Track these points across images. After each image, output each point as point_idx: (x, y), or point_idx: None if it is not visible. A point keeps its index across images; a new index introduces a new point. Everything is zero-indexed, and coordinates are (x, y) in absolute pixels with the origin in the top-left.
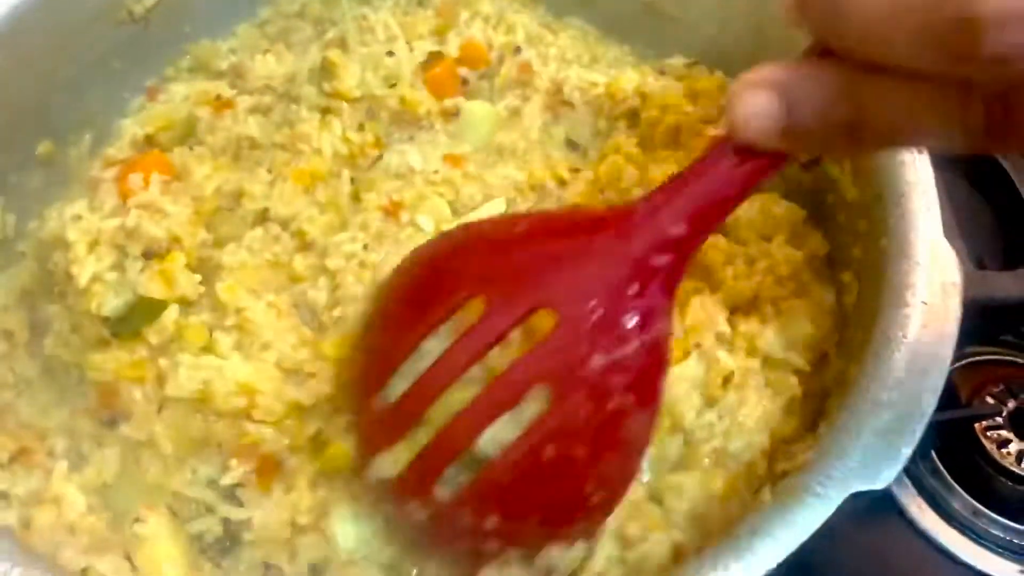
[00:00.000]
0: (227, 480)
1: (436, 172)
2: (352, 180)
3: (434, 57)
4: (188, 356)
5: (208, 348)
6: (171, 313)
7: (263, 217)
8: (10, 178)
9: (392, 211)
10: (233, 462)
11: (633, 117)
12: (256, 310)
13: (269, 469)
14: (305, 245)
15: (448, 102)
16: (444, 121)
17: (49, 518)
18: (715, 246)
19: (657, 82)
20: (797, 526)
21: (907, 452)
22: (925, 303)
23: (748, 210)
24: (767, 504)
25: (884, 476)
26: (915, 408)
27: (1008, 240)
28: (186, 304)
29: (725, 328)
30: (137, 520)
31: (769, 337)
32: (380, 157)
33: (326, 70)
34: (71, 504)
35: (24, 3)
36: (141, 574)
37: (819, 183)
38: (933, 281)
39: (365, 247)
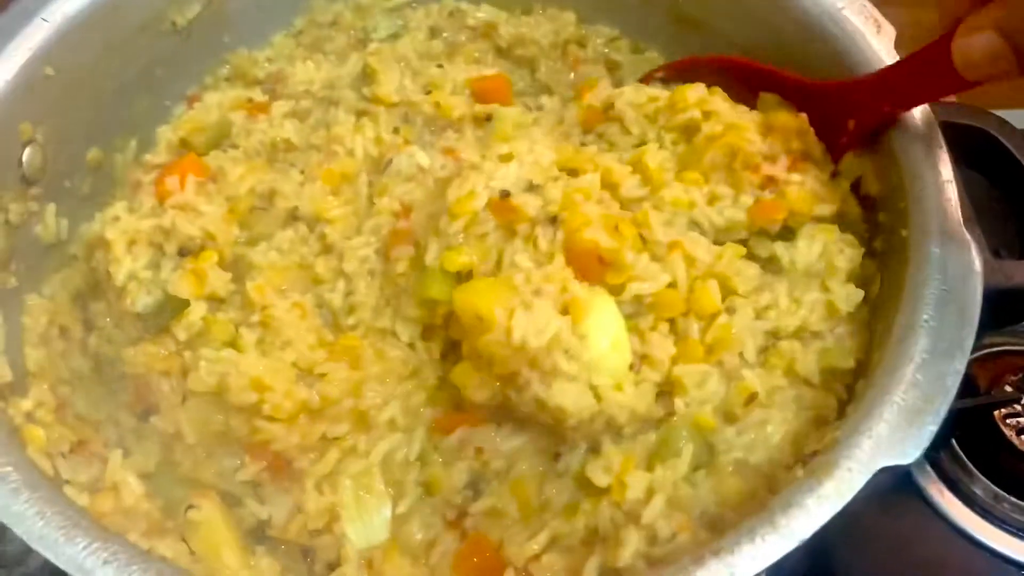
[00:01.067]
0: (242, 476)
1: (443, 167)
2: (369, 183)
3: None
4: (209, 351)
5: (232, 344)
6: (198, 310)
7: (293, 216)
8: (64, 184)
9: (403, 214)
10: (247, 459)
11: (688, 131)
12: (280, 308)
13: (280, 467)
14: (326, 248)
15: (480, 107)
16: (475, 126)
17: (110, 503)
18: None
19: (726, 102)
20: (828, 500)
21: (932, 430)
22: (946, 290)
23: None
24: (799, 480)
25: (910, 453)
26: (939, 389)
27: (1020, 228)
28: (217, 300)
29: (751, 355)
30: (190, 507)
31: (810, 364)
32: (391, 162)
33: (366, 76)
34: (130, 490)
35: (74, 17)
36: (199, 557)
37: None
38: (953, 268)
39: (377, 252)
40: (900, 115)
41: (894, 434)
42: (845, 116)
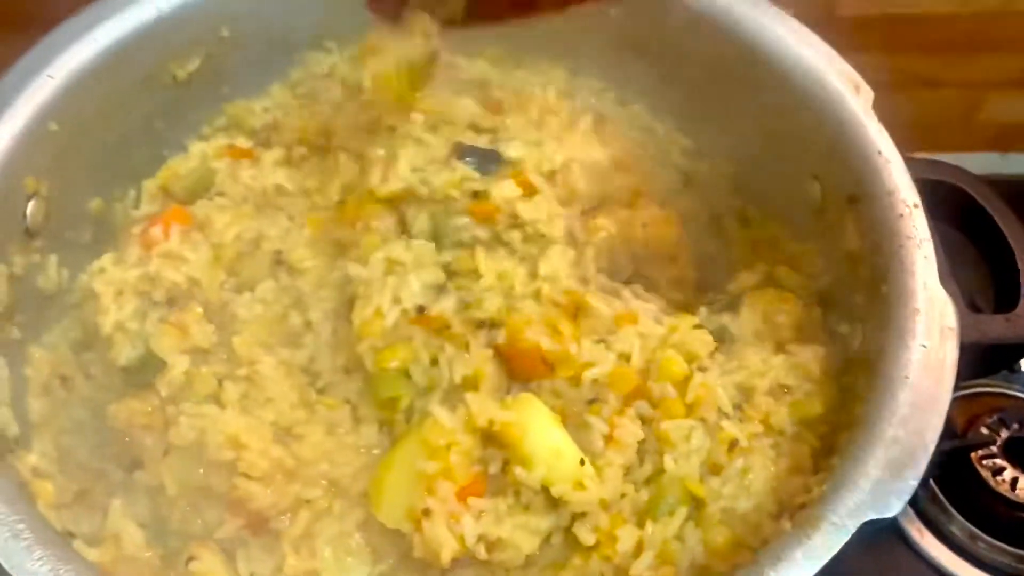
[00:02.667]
0: (221, 534)
1: None
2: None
3: None
4: (190, 404)
5: (215, 398)
6: (180, 364)
7: (277, 260)
8: (65, 234)
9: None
10: (227, 515)
11: None
12: (266, 364)
13: (259, 525)
14: (298, 300)
15: None
16: None
17: (111, 553)
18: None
19: None
20: (816, 553)
21: (914, 483)
22: (925, 346)
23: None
24: (788, 533)
25: (894, 506)
26: (919, 443)
27: (999, 285)
28: (201, 352)
29: (728, 407)
30: (191, 558)
31: (782, 415)
32: None
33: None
34: (130, 539)
35: (78, 72)
36: None
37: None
38: (932, 325)
39: (336, 311)
40: None
41: (877, 488)
42: None
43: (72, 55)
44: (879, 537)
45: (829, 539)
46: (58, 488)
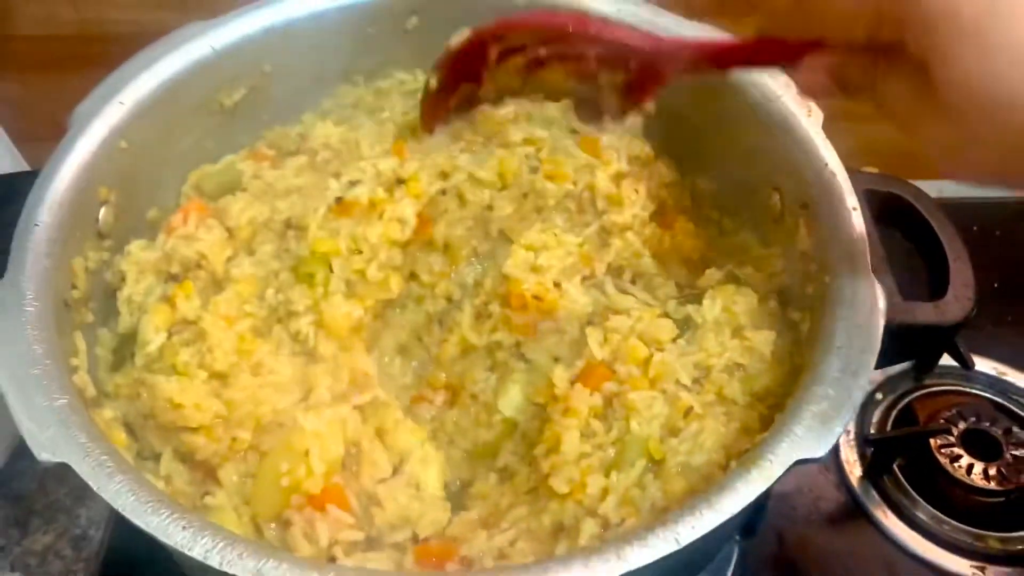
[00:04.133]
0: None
1: None
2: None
3: None
4: (149, 375)
5: (175, 364)
6: (158, 340)
7: (287, 226)
8: (129, 238)
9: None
10: (183, 468)
11: None
12: (208, 318)
13: (209, 473)
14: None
15: None
16: None
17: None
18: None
19: None
20: (753, 483)
21: (839, 431)
22: (857, 324)
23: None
24: (734, 470)
25: (821, 448)
26: (846, 400)
27: (932, 279)
28: (181, 324)
29: (686, 380)
30: (207, 494)
31: (735, 387)
32: None
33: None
34: (180, 477)
35: (144, 100)
36: None
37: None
38: (862, 305)
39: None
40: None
41: (808, 434)
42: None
43: (139, 85)
44: (847, 520)
45: (764, 472)
46: (128, 442)
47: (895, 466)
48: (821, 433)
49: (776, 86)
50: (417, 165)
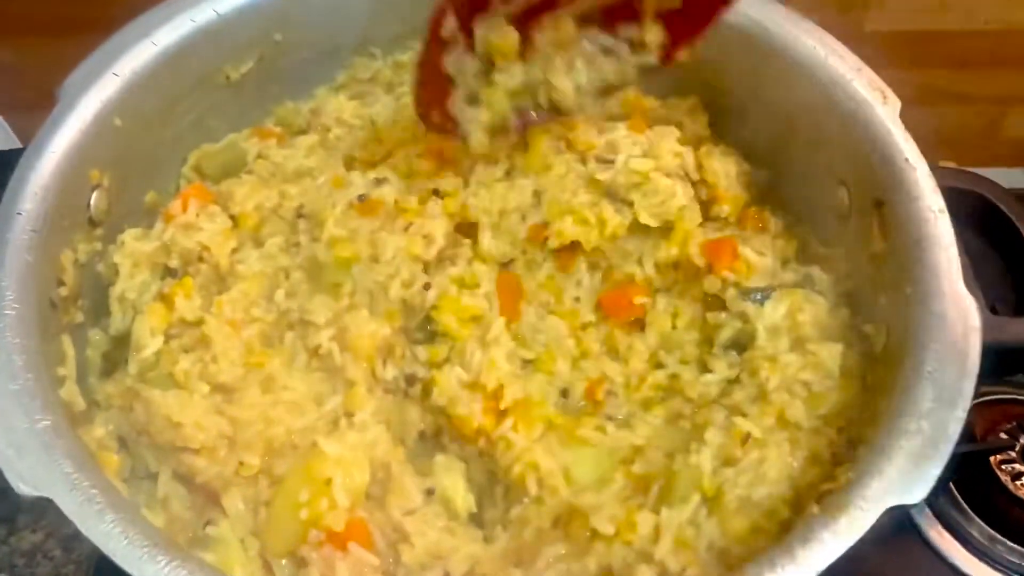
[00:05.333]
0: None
1: None
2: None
3: None
4: (144, 387)
5: (173, 375)
6: (154, 344)
7: (299, 214)
8: (123, 225)
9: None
10: (183, 490)
11: None
12: (212, 324)
13: (212, 498)
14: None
15: None
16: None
17: (163, 518)
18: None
19: None
20: (842, 534)
21: (936, 472)
22: (949, 343)
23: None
24: (815, 516)
25: (917, 493)
26: (942, 435)
27: (1019, 290)
28: (178, 325)
29: (744, 407)
30: (208, 523)
31: (798, 410)
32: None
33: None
34: (179, 500)
35: (141, 71)
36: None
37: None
38: (955, 324)
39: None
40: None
41: (902, 476)
42: None
43: (136, 54)
44: (901, 539)
45: (855, 522)
46: (122, 460)
47: (950, 483)
48: (916, 475)
49: (846, 68)
50: (458, 182)
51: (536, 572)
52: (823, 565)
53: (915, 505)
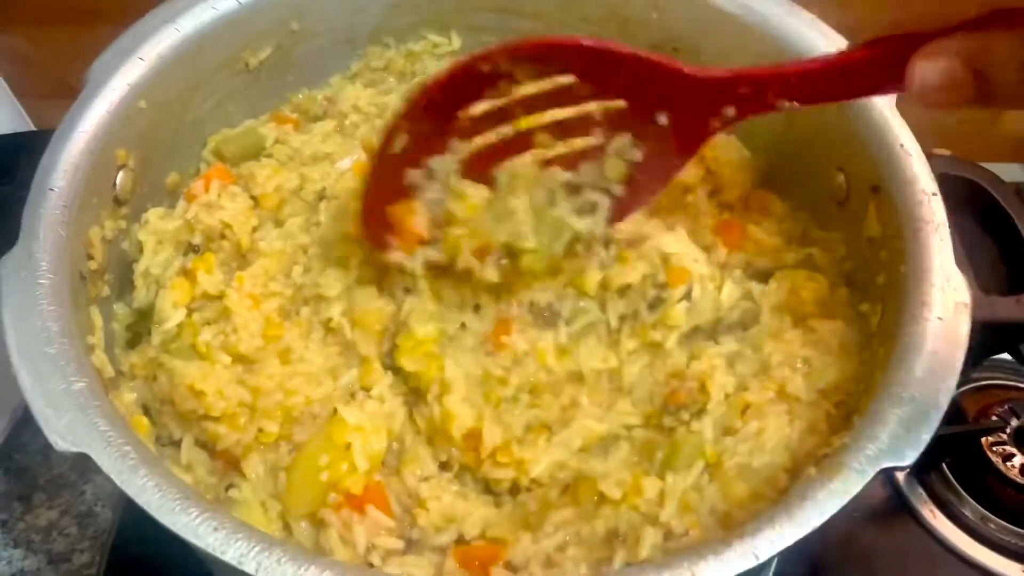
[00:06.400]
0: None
1: None
2: None
3: None
4: (168, 356)
5: (195, 344)
6: (176, 317)
7: (321, 196)
8: (146, 205)
9: None
10: (204, 456)
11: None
12: (233, 296)
13: (232, 463)
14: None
15: None
16: None
17: (190, 478)
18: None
19: None
20: (838, 494)
21: (926, 438)
22: (940, 319)
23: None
24: (813, 477)
25: (909, 456)
26: (933, 404)
27: (1010, 271)
28: (202, 299)
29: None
30: (231, 486)
31: (798, 384)
32: None
33: None
34: (201, 465)
35: (166, 56)
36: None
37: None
38: (947, 301)
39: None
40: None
41: (894, 441)
42: (726, 104)
43: (160, 39)
44: (894, 517)
45: (849, 482)
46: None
47: (943, 464)
48: (908, 439)
49: None
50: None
51: (545, 535)
52: (818, 522)
53: (907, 466)
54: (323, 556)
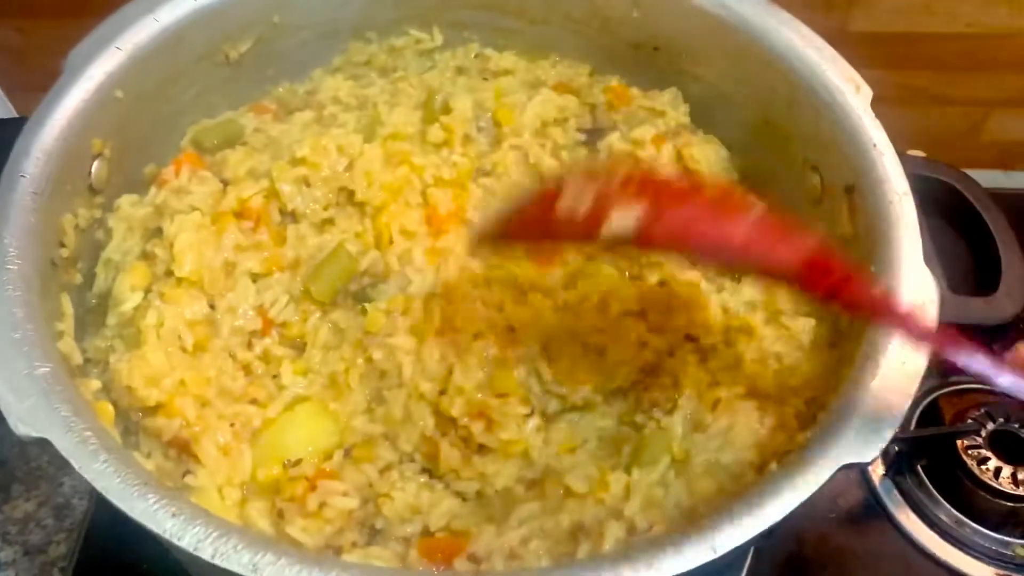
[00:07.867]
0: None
1: None
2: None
3: None
4: (119, 342)
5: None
6: (133, 300)
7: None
8: (123, 194)
9: None
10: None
11: None
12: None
13: (184, 448)
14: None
15: None
16: None
17: (151, 464)
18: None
19: None
20: (798, 489)
21: (889, 434)
22: (907, 315)
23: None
24: (775, 473)
25: (868, 454)
26: (897, 400)
27: (981, 272)
28: (159, 279)
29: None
30: (187, 473)
31: (768, 380)
32: None
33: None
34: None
35: (144, 46)
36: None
37: None
38: (915, 297)
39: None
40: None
41: (857, 437)
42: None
43: (139, 30)
44: (869, 520)
45: (810, 478)
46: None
47: (918, 466)
48: (870, 437)
49: (821, 58)
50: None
51: (510, 527)
52: (778, 517)
53: (868, 463)
54: (281, 543)
